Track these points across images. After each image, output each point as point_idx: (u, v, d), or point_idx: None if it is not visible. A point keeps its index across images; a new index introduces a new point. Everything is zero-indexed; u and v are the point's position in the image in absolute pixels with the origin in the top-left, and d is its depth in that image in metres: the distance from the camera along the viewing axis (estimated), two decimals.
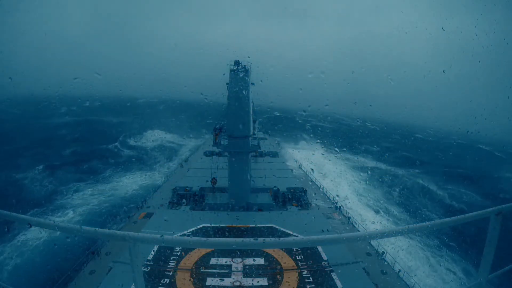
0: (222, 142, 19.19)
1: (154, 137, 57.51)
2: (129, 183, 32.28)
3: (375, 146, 67.59)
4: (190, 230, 15.06)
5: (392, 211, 29.04)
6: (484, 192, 38.58)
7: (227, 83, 18.29)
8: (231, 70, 18.23)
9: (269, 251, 12.96)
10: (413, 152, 64.66)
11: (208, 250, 12.84)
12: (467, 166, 53.83)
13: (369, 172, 42.86)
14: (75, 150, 42.95)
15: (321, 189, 25.41)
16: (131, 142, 53.26)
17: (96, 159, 39.60)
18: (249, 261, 12.23)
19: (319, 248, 13.16)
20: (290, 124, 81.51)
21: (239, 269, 11.77)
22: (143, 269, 7.53)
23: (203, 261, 12.31)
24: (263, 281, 11.11)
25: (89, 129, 57.85)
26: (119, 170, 36.19)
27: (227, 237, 5.59)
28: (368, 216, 25.64)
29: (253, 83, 19.27)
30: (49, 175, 32.17)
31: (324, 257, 12.62)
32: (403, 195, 34.92)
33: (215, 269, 11.79)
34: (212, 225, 15.84)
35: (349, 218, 19.21)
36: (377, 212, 27.88)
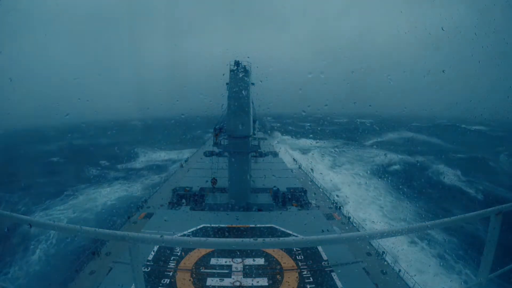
0: (222, 142, 19.19)
1: (145, 157, 56.28)
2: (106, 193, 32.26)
3: (376, 141, 68.24)
4: (190, 230, 15.05)
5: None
6: None
7: (227, 83, 18.27)
8: (231, 70, 18.19)
9: (269, 251, 12.95)
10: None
11: (208, 250, 12.83)
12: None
13: (368, 171, 43.01)
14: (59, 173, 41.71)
15: (321, 189, 25.39)
16: (121, 165, 50.67)
17: (83, 179, 39.21)
18: (249, 261, 12.22)
19: (319, 248, 13.14)
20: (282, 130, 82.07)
21: (239, 269, 11.76)
22: (143, 269, 7.52)
23: (203, 261, 12.30)
24: (263, 281, 11.10)
25: (77, 152, 57.71)
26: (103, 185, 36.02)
27: (227, 237, 5.60)
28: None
29: (253, 83, 19.26)
30: (28, 197, 31.65)
31: (324, 257, 12.61)
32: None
33: (215, 269, 11.78)
34: (212, 225, 15.82)
35: (349, 218, 19.19)
36: None
